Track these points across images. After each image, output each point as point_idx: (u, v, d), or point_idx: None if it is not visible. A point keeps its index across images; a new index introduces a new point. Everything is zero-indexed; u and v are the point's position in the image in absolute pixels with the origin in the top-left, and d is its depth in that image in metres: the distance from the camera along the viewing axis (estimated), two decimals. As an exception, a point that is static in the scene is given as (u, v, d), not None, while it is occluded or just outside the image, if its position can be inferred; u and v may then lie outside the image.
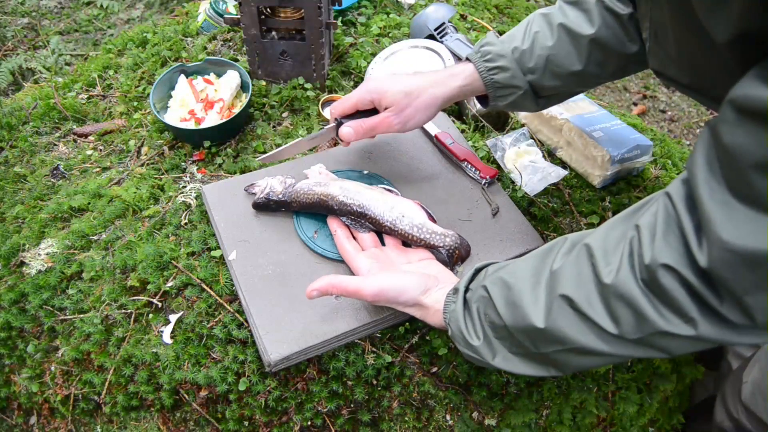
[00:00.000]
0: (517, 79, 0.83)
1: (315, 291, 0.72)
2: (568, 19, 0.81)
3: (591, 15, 0.80)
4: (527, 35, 0.83)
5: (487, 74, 0.84)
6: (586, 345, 0.56)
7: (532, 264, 0.62)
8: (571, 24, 0.81)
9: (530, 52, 0.82)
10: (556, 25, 0.81)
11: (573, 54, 0.81)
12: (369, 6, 1.41)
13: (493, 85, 0.84)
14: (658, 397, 0.91)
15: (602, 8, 0.80)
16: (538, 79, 0.83)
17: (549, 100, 0.89)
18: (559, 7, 0.84)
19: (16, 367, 0.89)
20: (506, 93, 0.85)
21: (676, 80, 0.66)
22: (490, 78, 0.84)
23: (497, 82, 0.84)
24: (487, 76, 0.84)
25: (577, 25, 0.80)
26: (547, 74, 0.82)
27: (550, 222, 0.98)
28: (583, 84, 0.87)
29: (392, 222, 0.83)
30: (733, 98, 0.44)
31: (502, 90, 0.84)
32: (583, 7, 0.81)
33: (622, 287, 0.52)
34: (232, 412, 0.79)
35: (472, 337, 0.64)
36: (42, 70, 2.10)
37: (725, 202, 0.44)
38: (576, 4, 0.82)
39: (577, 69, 0.81)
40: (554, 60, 0.81)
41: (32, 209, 1.00)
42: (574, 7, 0.82)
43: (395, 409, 0.80)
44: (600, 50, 0.80)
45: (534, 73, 0.82)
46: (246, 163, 1.03)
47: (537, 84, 0.83)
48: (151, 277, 0.86)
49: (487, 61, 0.84)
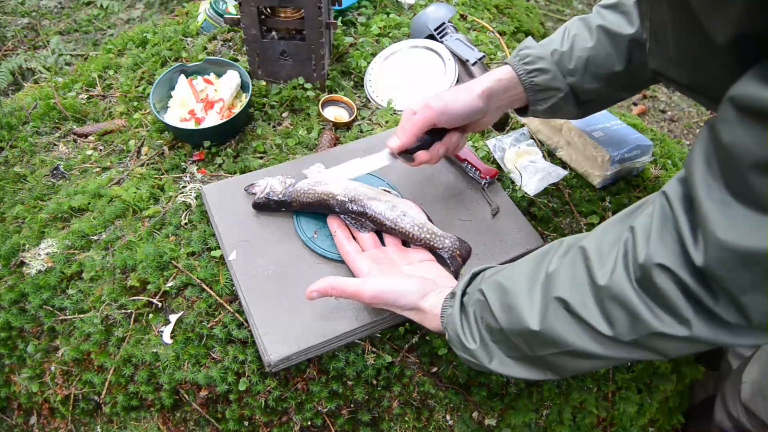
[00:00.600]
0: (558, 80, 0.82)
1: (314, 292, 0.72)
2: (607, 20, 0.81)
3: (630, 16, 0.80)
4: (566, 38, 0.83)
5: (526, 77, 0.82)
6: (581, 347, 0.56)
7: (528, 267, 0.62)
8: (610, 25, 0.80)
9: (570, 53, 0.81)
10: (595, 27, 0.81)
11: (613, 54, 0.80)
12: (369, 6, 1.41)
13: (533, 88, 0.83)
14: (658, 397, 0.91)
15: None
16: (578, 81, 0.82)
17: (590, 105, 0.87)
18: (597, 11, 0.84)
19: (16, 367, 0.89)
20: (546, 96, 0.83)
21: (676, 81, 0.66)
22: (530, 80, 0.82)
23: (537, 85, 0.82)
24: (527, 78, 0.82)
25: (617, 26, 0.80)
26: (587, 76, 0.81)
27: (550, 222, 0.98)
28: (625, 87, 0.85)
29: (393, 220, 0.83)
30: (732, 97, 0.44)
31: (543, 93, 0.83)
32: (622, 9, 0.81)
33: (616, 288, 0.52)
34: (232, 412, 0.79)
35: (468, 340, 0.64)
36: (42, 70, 2.10)
37: (723, 200, 0.44)
38: (614, 6, 0.82)
39: (619, 69, 0.80)
40: (594, 61, 0.81)
41: (32, 209, 1.00)
42: (613, 9, 0.82)
43: (395, 409, 0.80)
44: (640, 50, 0.79)
45: (574, 75, 0.82)
46: (246, 163, 1.03)
47: (578, 86, 0.82)
48: (151, 277, 0.86)
49: (527, 63, 0.82)
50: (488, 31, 1.40)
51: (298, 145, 1.08)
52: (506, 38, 1.39)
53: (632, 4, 0.80)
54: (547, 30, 1.77)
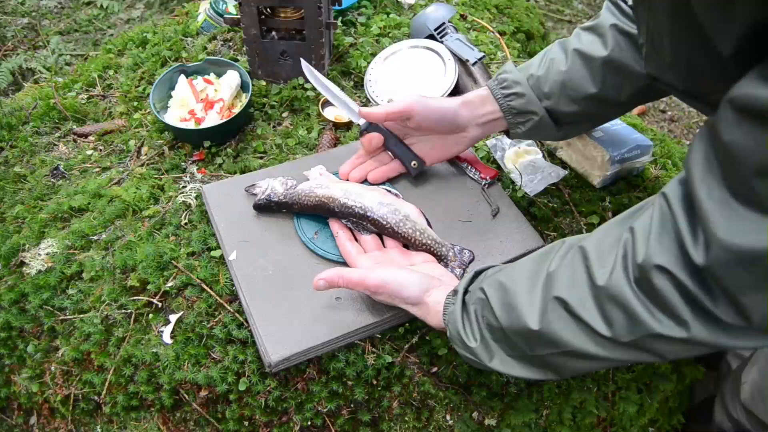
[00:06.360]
0: (533, 104, 0.84)
1: (322, 281, 0.72)
2: (582, 43, 0.83)
3: (605, 38, 0.81)
4: (543, 62, 0.85)
5: (503, 101, 0.85)
6: (580, 348, 0.56)
7: (529, 267, 0.62)
8: (585, 48, 0.82)
9: (545, 77, 0.83)
10: (571, 50, 0.83)
11: (587, 77, 0.81)
12: (369, 6, 1.41)
13: (510, 111, 0.85)
14: (658, 397, 0.91)
15: (616, 31, 0.80)
16: (554, 105, 0.83)
17: (571, 128, 0.89)
18: (576, 34, 0.85)
19: (16, 367, 0.89)
20: (523, 119, 0.86)
21: (673, 86, 0.66)
22: (507, 104, 0.85)
23: (513, 108, 0.85)
24: (504, 102, 0.85)
25: (591, 49, 0.81)
26: (563, 99, 0.83)
27: (550, 222, 0.98)
28: (602, 109, 0.87)
29: (395, 224, 0.83)
30: (732, 98, 0.44)
31: (520, 116, 0.85)
32: (598, 31, 0.82)
33: (615, 289, 0.52)
34: (232, 412, 0.79)
35: (469, 339, 0.64)
36: (42, 70, 2.10)
37: (723, 200, 0.44)
38: (591, 29, 0.84)
39: (593, 92, 0.81)
40: (569, 84, 0.82)
41: (32, 209, 1.00)
42: (589, 32, 0.84)
43: (395, 409, 0.80)
44: (614, 72, 0.80)
45: (550, 99, 0.83)
46: (246, 163, 1.03)
47: (555, 109, 0.84)
48: (151, 277, 0.86)
49: (504, 87, 0.85)
50: (488, 31, 1.40)
51: (298, 145, 1.08)
52: (506, 38, 1.39)
53: (608, 26, 0.81)
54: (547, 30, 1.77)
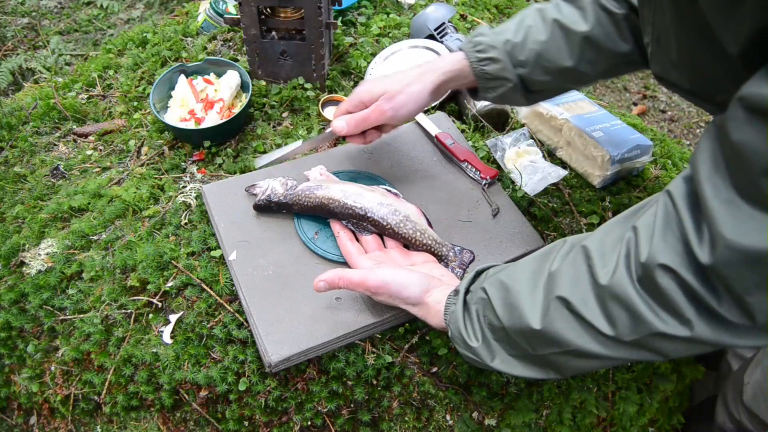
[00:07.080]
0: (507, 71, 0.82)
1: (323, 282, 0.72)
2: (563, 15, 0.81)
3: (585, 13, 0.80)
4: (520, 29, 0.82)
5: (477, 65, 0.83)
6: (582, 347, 0.55)
7: (531, 266, 0.62)
8: (566, 20, 0.80)
9: (522, 45, 0.81)
10: (550, 21, 0.81)
11: (565, 50, 0.80)
12: (369, 6, 1.41)
13: (483, 76, 0.83)
14: (658, 397, 0.91)
15: (597, 7, 0.79)
16: (528, 73, 0.82)
17: (539, 95, 0.88)
18: (555, 4, 0.83)
19: (16, 367, 0.89)
20: (495, 85, 0.84)
21: (678, 85, 0.66)
22: (481, 69, 0.83)
23: (487, 74, 0.83)
24: (478, 66, 0.83)
25: (572, 22, 0.80)
26: (537, 69, 0.82)
27: (550, 222, 0.98)
28: (573, 81, 0.86)
29: (396, 225, 0.83)
30: (742, 96, 0.43)
31: (492, 82, 0.84)
32: (579, 4, 0.81)
33: (618, 288, 0.52)
34: (232, 412, 0.79)
35: (471, 338, 0.64)
36: (42, 70, 2.10)
37: (730, 200, 0.44)
38: (571, 0, 0.82)
39: (568, 65, 0.81)
40: (545, 55, 0.81)
41: (32, 209, 1.00)
42: (570, 3, 0.82)
43: (395, 409, 0.80)
44: (592, 48, 0.80)
45: (525, 67, 0.82)
46: (246, 163, 1.03)
47: (527, 78, 0.83)
48: (151, 277, 0.86)
49: (479, 51, 0.83)
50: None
51: (298, 145, 1.08)
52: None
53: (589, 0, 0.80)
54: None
